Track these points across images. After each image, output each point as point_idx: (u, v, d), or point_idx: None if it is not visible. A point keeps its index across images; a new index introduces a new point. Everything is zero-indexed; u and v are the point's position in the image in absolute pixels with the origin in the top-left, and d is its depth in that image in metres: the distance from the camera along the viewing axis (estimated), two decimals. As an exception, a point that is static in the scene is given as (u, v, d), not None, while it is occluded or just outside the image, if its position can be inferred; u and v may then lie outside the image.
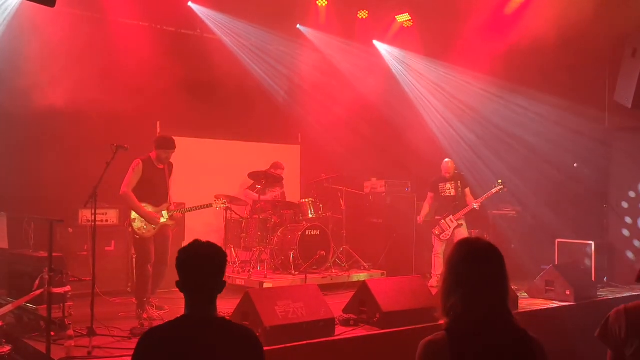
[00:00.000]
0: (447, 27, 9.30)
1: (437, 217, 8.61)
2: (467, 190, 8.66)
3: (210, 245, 2.59)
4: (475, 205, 8.38)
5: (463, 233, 8.30)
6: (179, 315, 2.56)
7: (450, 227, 8.41)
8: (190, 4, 9.08)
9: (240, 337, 2.51)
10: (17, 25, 7.23)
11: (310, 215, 8.62)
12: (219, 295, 2.58)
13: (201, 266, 2.53)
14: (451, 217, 8.42)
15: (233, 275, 7.87)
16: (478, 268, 2.32)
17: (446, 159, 8.77)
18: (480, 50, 9.31)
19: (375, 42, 10.66)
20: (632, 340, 2.73)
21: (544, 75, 9.59)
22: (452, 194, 8.58)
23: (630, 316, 2.77)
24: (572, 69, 9.15)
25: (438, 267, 8.43)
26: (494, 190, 8.39)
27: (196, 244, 2.58)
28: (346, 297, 6.32)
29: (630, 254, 8.98)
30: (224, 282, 2.59)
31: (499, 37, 9.06)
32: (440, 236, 8.48)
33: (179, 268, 2.56)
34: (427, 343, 2.29)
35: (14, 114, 7.03)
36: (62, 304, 5.25)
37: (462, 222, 8.45)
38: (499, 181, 8.47)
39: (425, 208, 8.78)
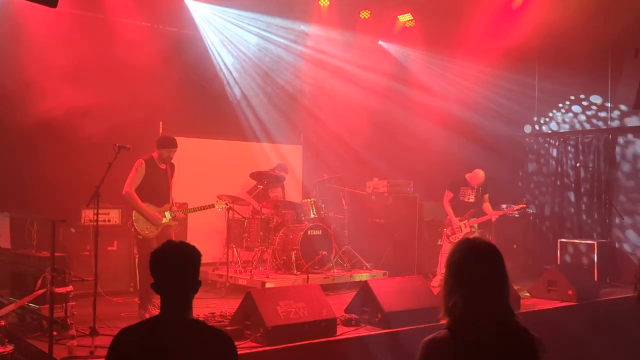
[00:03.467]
0: (450, 26, 9.29)
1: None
2: (487, 196, 8.40)
3: (183, 245, 2.57)
4: (493, 218, 8.25)
5: None
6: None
7: (462, 232, 8.22)
8: (187, 1, 9.02)
9: (213, 339, 2.49)
10: (21, 25, 7.23)
11: (312, 215, 8.60)
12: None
13: (174, 266, 2.51)
14: (466, 222, 8.28)
15: (235, 275, 7.86)
16: (477, 267, 2.34)
17: (478, 170, 8.30)
18: (484, 48, 9.31)
19: (380, 42, 10.66)
20: None
21: (547, 74, 9.58)
22: (471, 200, 8.35)
23: None
24: (575, 68, 9.15)
25: (443, 265, 8.33)
26: (515, 207, 8.30)
27: (169, 244, 2.57)
28: (348, 297, 6.33)
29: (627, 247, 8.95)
30: (199, 282, 2.58)
31: (501, 35, 9.05)
32: (450, 237, 8.27)
33: (153, 269, 2.53)
34: (429, 341, 2.28)
35: (17, 115, 7.04)
36: (64, 304, 5.24)
37: (475, 227, 8.30)
38: (527, 197, 8.17)
39: (449, 208, 8.34)
